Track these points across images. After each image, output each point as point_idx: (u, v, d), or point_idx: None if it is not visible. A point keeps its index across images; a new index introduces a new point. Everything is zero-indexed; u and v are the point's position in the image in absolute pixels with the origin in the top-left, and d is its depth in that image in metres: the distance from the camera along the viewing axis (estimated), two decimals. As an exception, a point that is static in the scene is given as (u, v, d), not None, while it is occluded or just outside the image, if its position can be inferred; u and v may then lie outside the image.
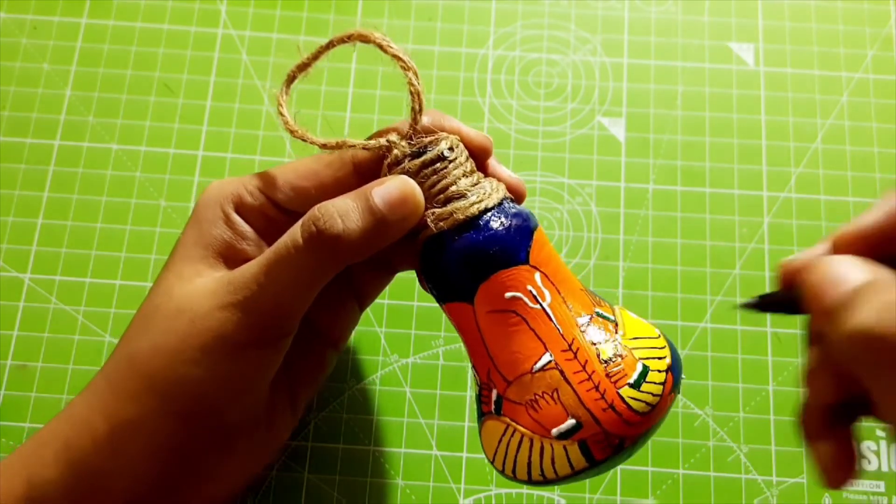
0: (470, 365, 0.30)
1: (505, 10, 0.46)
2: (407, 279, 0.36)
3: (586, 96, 0.45)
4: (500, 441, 0.28)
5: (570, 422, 0.27)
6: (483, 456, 0.38)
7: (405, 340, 0.40)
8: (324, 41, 0.31)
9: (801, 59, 0.46)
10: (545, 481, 0.28)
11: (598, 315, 0.29)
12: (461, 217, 0.28)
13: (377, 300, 0.40)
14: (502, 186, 0.30)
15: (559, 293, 0.29)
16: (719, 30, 0.46)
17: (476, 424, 0.38)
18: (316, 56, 0.31)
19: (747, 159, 0.43)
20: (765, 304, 0.27)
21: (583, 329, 0.28)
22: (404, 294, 0.41)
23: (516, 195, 0.31)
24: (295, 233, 0.28)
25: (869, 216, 0.24)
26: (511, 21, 0.46)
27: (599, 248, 0.42)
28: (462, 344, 0.30)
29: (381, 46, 0.30)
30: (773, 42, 0.46)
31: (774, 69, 0.45)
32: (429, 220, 0.29)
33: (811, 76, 0.45)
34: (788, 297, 0.26)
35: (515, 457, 0.28)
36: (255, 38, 0.46)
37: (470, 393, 0.39)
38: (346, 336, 0.37)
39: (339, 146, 0.30)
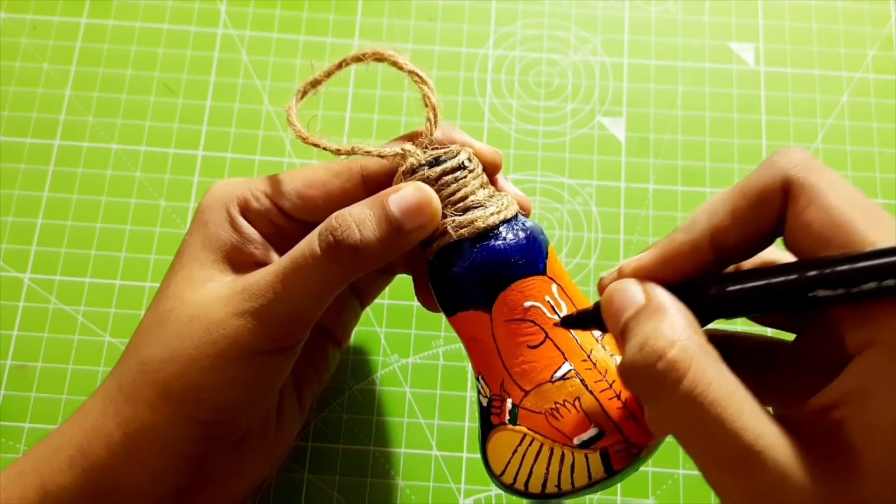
0: (477, 377, 0.30)
1: (505, 9, 0.46)
2: (408, 279, 0.35)
3: (586, 96, 0.45)
4: (514, 451, 0.28)
5: (593, 430, 0.27)
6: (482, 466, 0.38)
7: (405, 340, 0.40)
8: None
9: (802, 59, 0.46)
10: (558, 493, 0.27)
11: None
12: (482, 226, 0.28)
13: (377, 300, 0.40)
14: (514, 200, 0.30)
15: (573, 304, 0.29)
16: (719, 29, 0.46)
17: (476, 425, 0.38)
18: (329, 74, 0.31)
19: (747, 159, 0.43)
20: (582, 319, 0.28)
21: (598, 340, 0.29)
22: (404, 294, 0.41)
23: (523, 211, 0.31)
24: (312, 242, 0.28)
25: (645, 256, 0.26)
26: (511, 21, 0.46)
27: (600, 248, 0.42)
28: (466, 353, 0.30)
29: (396, 64, 0.30)
30: (774, 42, 0.46)
31: (774, 69, 0.45)
32: (449, 227, 0.28)
33: (811, 76, 0.45)
34: (598, 314, 0.26)
35: (531, 468, 0.28)
36: (255, 37, 0.45)
37: (471, 393, 0.39)
38: (349, 333, 0.37)
39: (353, 152, 0.30)
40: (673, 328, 0.23)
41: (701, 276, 0.25)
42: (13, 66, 0.45)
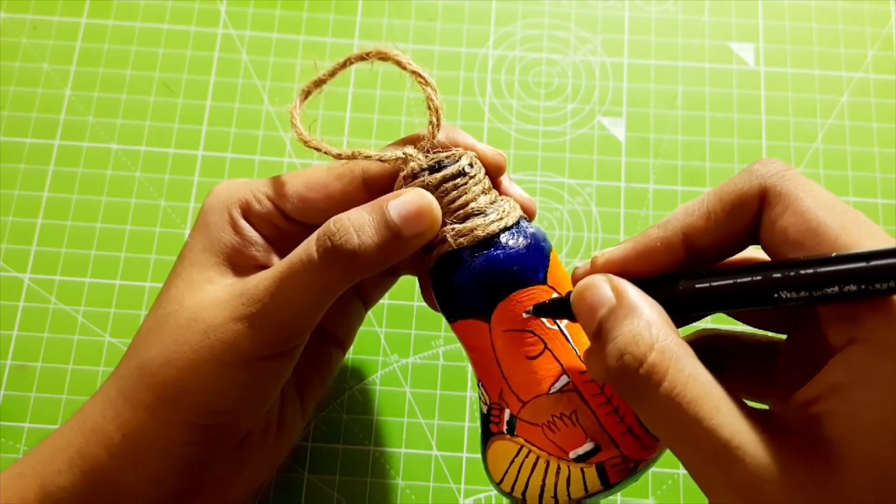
0: (478, 384, 0.29)
1: (505, 9, 0.46)
2: (407, 279, 0.35)
3: (586, 96, 0.45)
4: (511, 462, 0.28)
5: (589, 445, 0.27)
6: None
7: (405, 340, 0.40)
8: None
9: (802, 59, 0.46)
10: None
11: None
12: (482, 234, 0.28)
13: (377, 300, 0.40)
14: (518, 205, 0.29)
15: None
16: (719, 29, 0.46)
17: (477, 425, 0.38)
18: (333, 73, 0.31)
19: (747, 159, 0.43)
20: (554, 308, 0.27)
21: None
22: (404, 294, 0.41)
23: (527, 214, 0.30)
24: (310, 247, 0.28)
25: (618, 249, 0.26)
26: (511, 21, 0.46)
27: (600, 249, 0.42)
28: (469, 362, 0.30)
29: (399, 64, 0.30)
30: (774, 42, 0.46)
31: (774, 69, 0.45)
32: (448, 235, 0.28)
33: (811, 76, 0.45)
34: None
35: (528, 479, 0.27)
36: (255, 37, 0.45)
37: (471, 393, 0.39)
38: (352, 336, 0.37)
39: (354, 157, 0.30)
40: (649, 330, 0.23)
41: (672, 273, 0.26)
42: (13, 66, 0.45)
